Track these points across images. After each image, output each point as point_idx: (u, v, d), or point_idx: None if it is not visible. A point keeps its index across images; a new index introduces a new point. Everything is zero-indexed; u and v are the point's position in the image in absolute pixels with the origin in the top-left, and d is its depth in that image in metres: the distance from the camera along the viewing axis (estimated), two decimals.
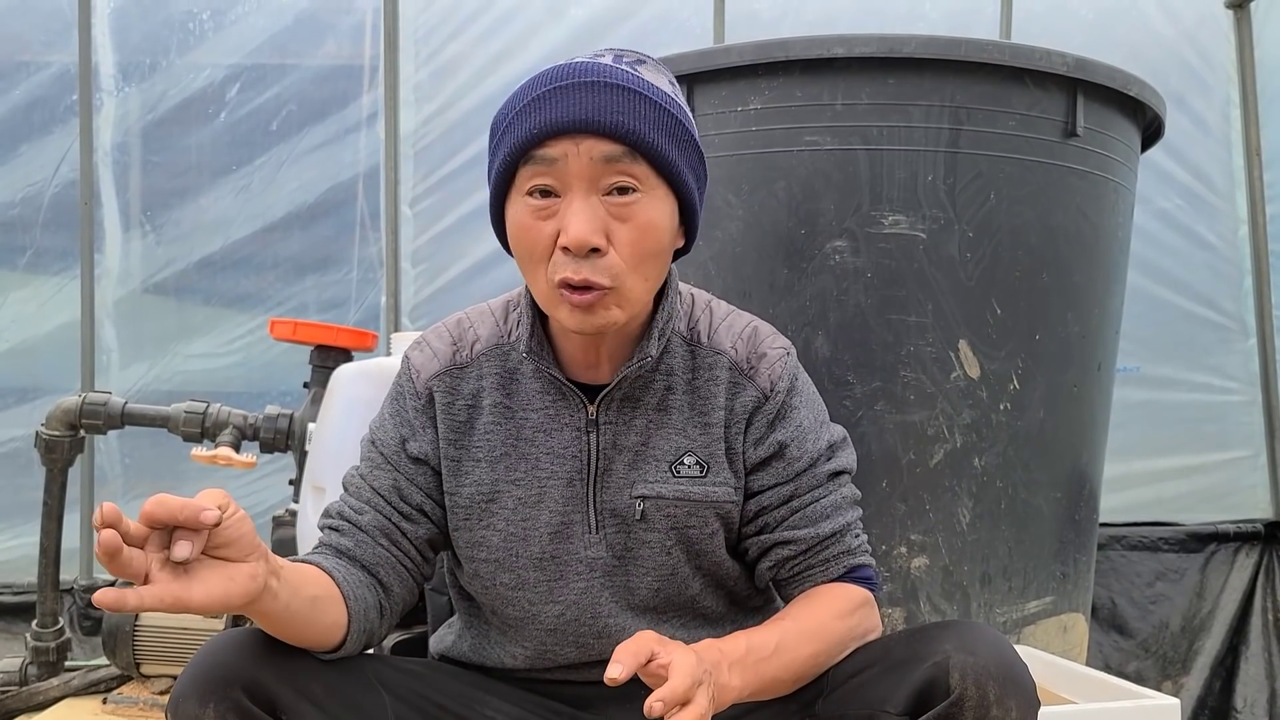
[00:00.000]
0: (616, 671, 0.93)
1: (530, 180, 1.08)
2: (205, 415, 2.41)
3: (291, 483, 2.45)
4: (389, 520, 1.19)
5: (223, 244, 3.10)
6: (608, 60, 1.09)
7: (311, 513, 2.04)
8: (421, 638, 1.75)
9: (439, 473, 1.21)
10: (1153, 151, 2.10)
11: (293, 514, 2.29)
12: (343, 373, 2.14)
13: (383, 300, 3.11)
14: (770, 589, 1.30)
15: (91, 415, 2.42)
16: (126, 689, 2.28)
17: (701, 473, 1.19)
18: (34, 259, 3.09)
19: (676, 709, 0.93)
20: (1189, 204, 3.17)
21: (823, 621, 1.15)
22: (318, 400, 2.39)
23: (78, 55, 3.06)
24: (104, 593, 0.83)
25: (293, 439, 2.43)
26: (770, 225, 1.73)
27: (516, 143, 1.07)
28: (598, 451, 1.18)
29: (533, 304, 1.18)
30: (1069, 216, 1.78)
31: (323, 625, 1.06)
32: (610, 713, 1.22)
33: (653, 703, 0.92)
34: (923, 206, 1.69)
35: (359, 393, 2.04)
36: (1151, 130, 2.00)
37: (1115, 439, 2.08)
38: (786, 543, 1.21)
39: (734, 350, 1.21)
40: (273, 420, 2.42)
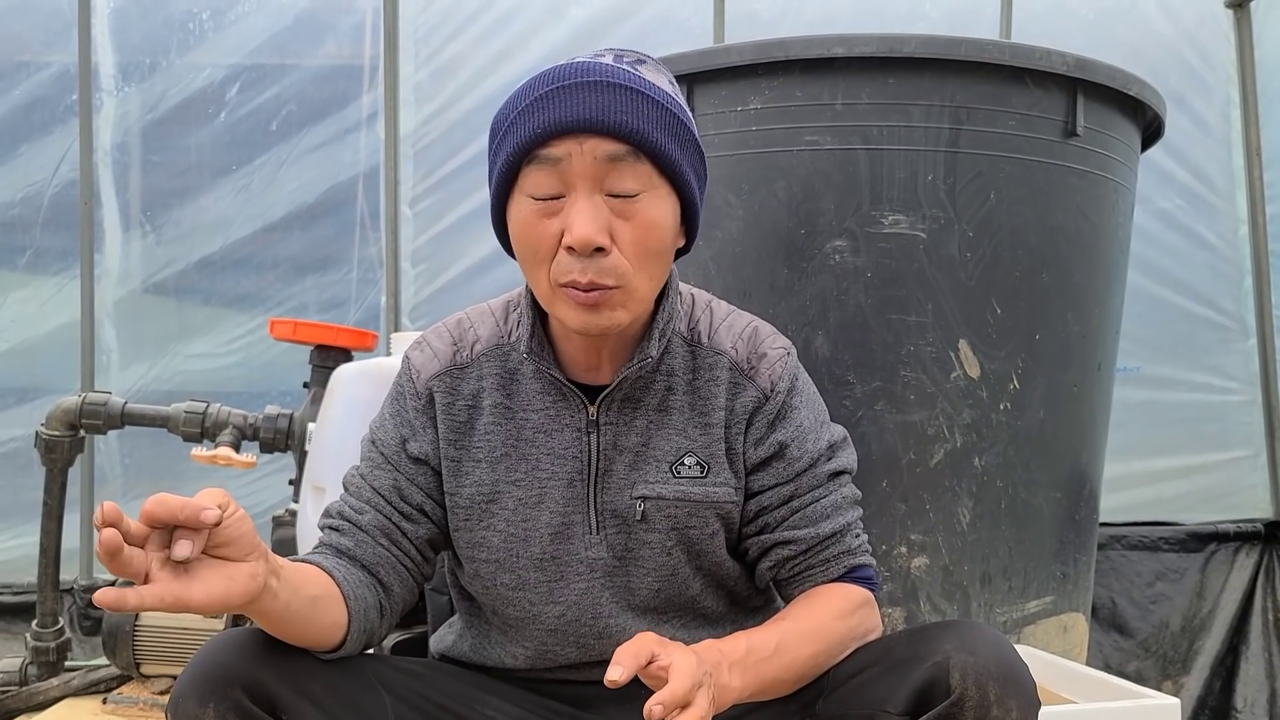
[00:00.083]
0: (617, 673, 0.92)
1: (533, 180, 1.07)
2: (205, 415, 2.41)
3: (291, 483, 2.45)
4: (389, 520, 1.19)
5: (223, 244, 3.10)
6: (608, 60, 1.09)
7: (311, 513, 2.04)
8: (421, 638, 1.74)
9: (439, 473, 1.21)
10: (1153, 151, 2.10)
11: (293, 514, 2.29)
12: (343, 373, 2.14)
13: (383, 300, 3.11)
14: (770, 589, 1.30)
15: (91, 415, 2.42)
16: (126, 689, 2.28)
17: (702, 473, 1.19)
18: (34, 259, 3.09)
19: (677, 711, 0.93)
20: (1189, 204, 3.17)
21: (823, 622, 1.15)
22: (318, 400, 2.39)
23: (78, 55, 3.06)
24: (104, 592, 0.84)
25: (293, 439, 2.43)
26: (770, 225, 1.73)
27: (520, 142, 1.06)
28: (598, 452, 1.18)
29: (533, 304, 1.18)
30: (1069, 216, 1.78)
31: (323, 625, 1.06)
32: (610, 713, 1.22)
33: (653, 704, 0.92)
34: (923, 206, 1.69)
35: (359, 393, 2.04)
36: (1151, 130, 2.00)
37: (1115, 439, 2.08)
38: (787, 543, 1.21)
39: (734, 350, 1.21)
40: (273, 420, 2.42)
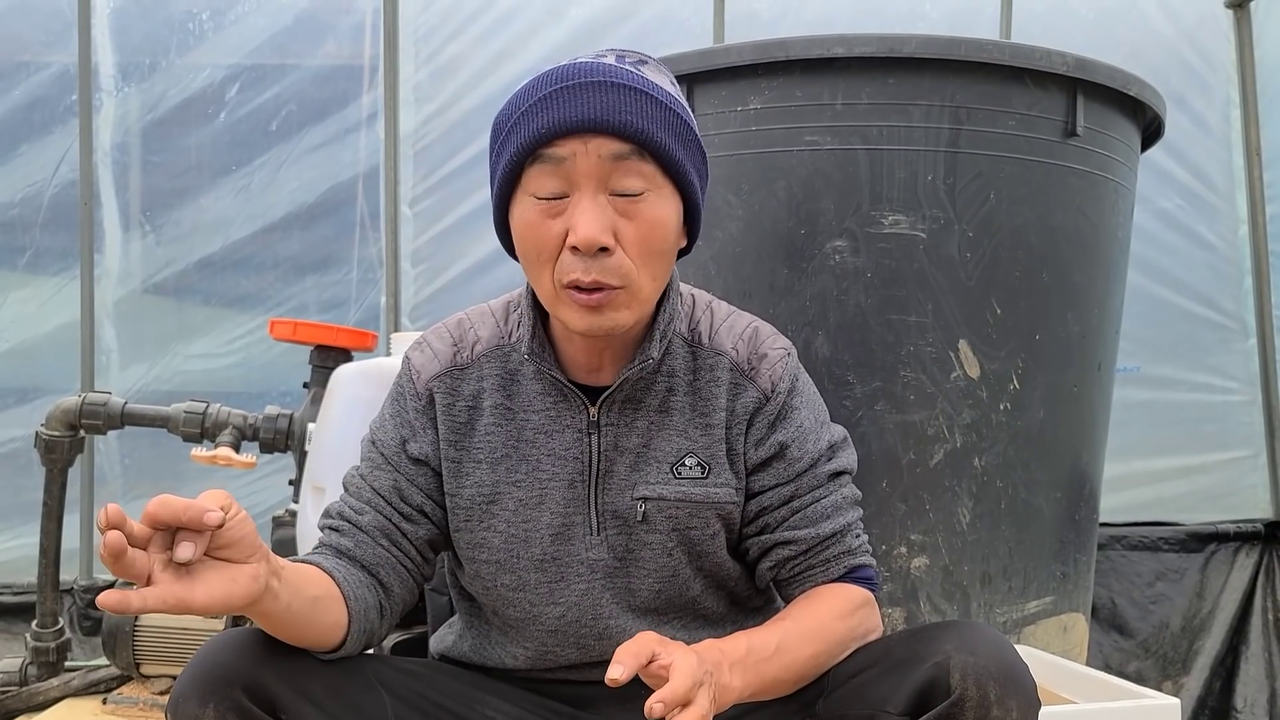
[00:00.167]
0: (618, 672, 0.92)
1: (537, 180, 1.07)
2: (205, 415, 2.41)
3: (291, 483, 2.45)
4: (389, 521, 1.19)
5: (223, 244, 3.10)
6: (611, 60, 1.09)
7: (311, 513, 2.04)
8: (421, 638, 1.75)
9: (439, 474, 1.21)
10: (1153, 151, 2.10)
11: (293, 514, 2.29)
12: (343, 373, 2.14)
13: (383, 300, 3.11)
14: (771, 589, 1.30)
15: (91, 415, 2.42)
16: (126, 689, 2.28)
17: (703, 474, 1.19)
18: (34, 259, 3.09)
19: (677, 710, 0.93)
20: (1189, 204, 3.17)
21: (823, 622, 1.15)
22: (318, 400, 2.39)
23: (78, 55, 3.06)
24: (107, 595, 0.83)
25: (293, 439, 2.43)
26: (770, 225, 1.73)
27: (523, 142, 1.06)
28: (599, 453, 1.18)
29: (534, 305, 1.18)
30: (1069, 216, 1.78)
31: (323, 625, 1.06)
32: (611, 713, 1.22)
33: (653, 704, 0.92)
34: (923, 206, 1.69)
35: (359, 393, 2.04)
36: (1151, 130, 2.00)
37: (1115, 439, 2.08)
38: (787, 543, 1.21)
39: (735, 351, 1.21)
40: (273, 420, 2.42)
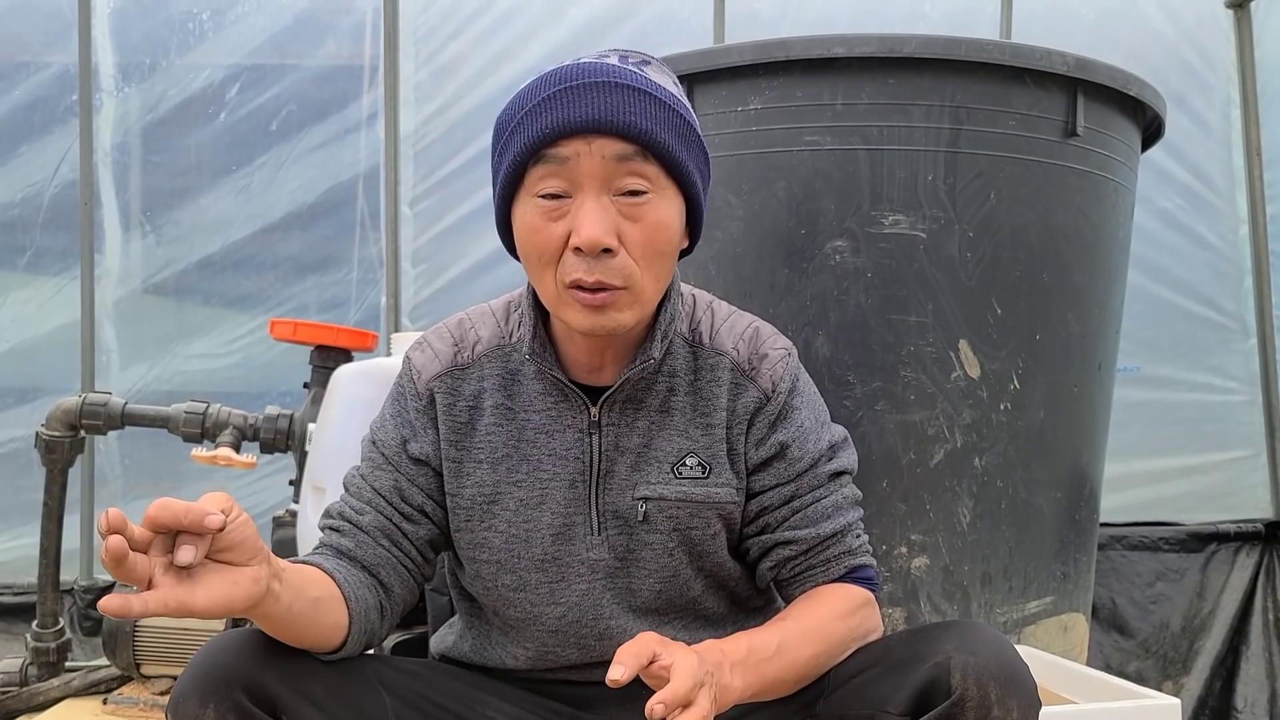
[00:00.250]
0: (618, 673, 0.92)
1: (541, 180, 1.07)
2: (205, 416, 2.41)
3: (291, 483, 2.45)
4: (390, 521, 1.19)
5: (223, 244, 3.10)
6: (614, 61, 1.09)
7: (311, 513, 2.04)
8: (421, 638, 1.74)
9: (440, 474, 1.21)
10: (1153, 151, 2.10)
11: (293, 514, 2.29)
12: (343, 373, 2.14)
13: (383, 300, 3.11)
14: (771, 590, 1.30)
15: (91, 416, 2.42)
16: (127, 689, 2.28)
17: (703, 474, 1.19)
18: (34, 259, 3.09)
19: (678, 711, 0.93)
20: (1189, 204, 3.17)
21: (824, 622, 1.15)
22: (318, 400, 2.39)
23: (78, 55, 3.06)
24: (109, 600, 0.83)
25: (293, 439, 2.43)
26: (770, 225, 1.73)
27: (527, 142, 1.06)
28: (600, 453, 1.18)
29: (535, 305, 1.18)
30: (1069, 216, 1.78)
31: (324, 626, 1.06)
32: (611, 713, 1.22)
33: (654, 704, 0.92)
34: (923, 206, 1.69)
35: (359, 393, 2.04)
36: (1152, 130, 2.00)
37: (1115, 439, 2.08)
38: (787, 543, 1.21)
39: (736, 351, 1.21)
40: (273, 420, 2.42)
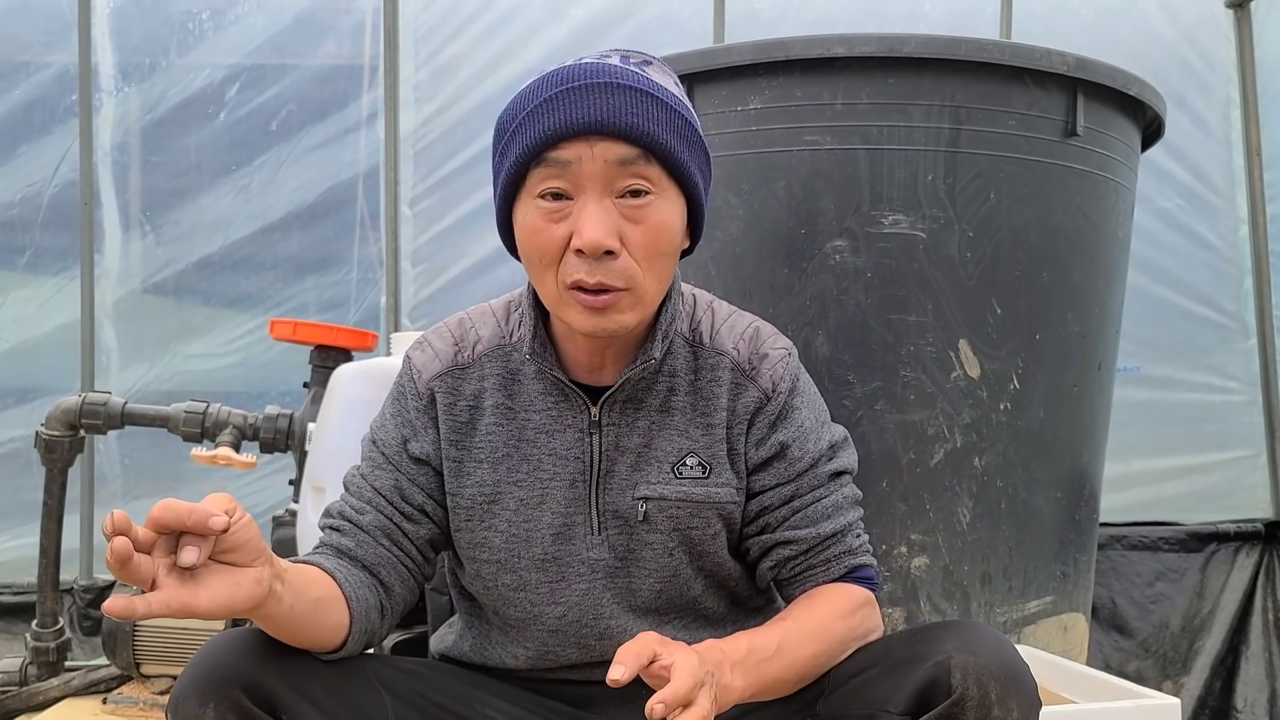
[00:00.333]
0: (619, 673, 0.92)
1: (542, 182, 1.07)
2: (205, 415, 2.41)
3: (291, 483, 2.45)
4: (390, 520, 1.18)
5: (222, 244, 3.10)
6: (615, 61, 1.09)
7: (311, 513, 2.04)
8: (421, 638, 1.75)
9: (440, 473, 1.21)
10: (1153, 151, 2.10)
11: (293, 514, 2.29)
12: (343, 373, 2.14)
13: (383, 300, 3.11)
14: (771, 589, 1.30)
15: (91, 415, 2.42)
16: (126, 689, 2.28)
17: (704, 474, 1.19)
18: (34, 259, 3.09)
19: (679, 710, 0.93)
20: (1189, 204, 3.17)
21: (824, 622, 1.15)
22: (318, 400, 2.39)
23: (78, 55, 3.06)
24: (113, 602, 0.83)
25: (293, 439, 2.43)
26: (770, 225, 1.73)
27: (528, 144, 1.06)
28: (600, 453, 1.18)
29: (535, 305, 1.18)
30: (1069, 216, 1.78)
31: (325, 626, 1.06)
32: (612, 713, 1.22)
33: (654, 704, 0.92)
34: (923, 206, 1.69)
35: (359, 393, 2.04)
36: (1152, 130, 2.00)
37: (1115, 439, 2.08)
38: (788, 543, 1.21)
39: (736, 351, 1.21)
40: (273, 420, 2.42)
